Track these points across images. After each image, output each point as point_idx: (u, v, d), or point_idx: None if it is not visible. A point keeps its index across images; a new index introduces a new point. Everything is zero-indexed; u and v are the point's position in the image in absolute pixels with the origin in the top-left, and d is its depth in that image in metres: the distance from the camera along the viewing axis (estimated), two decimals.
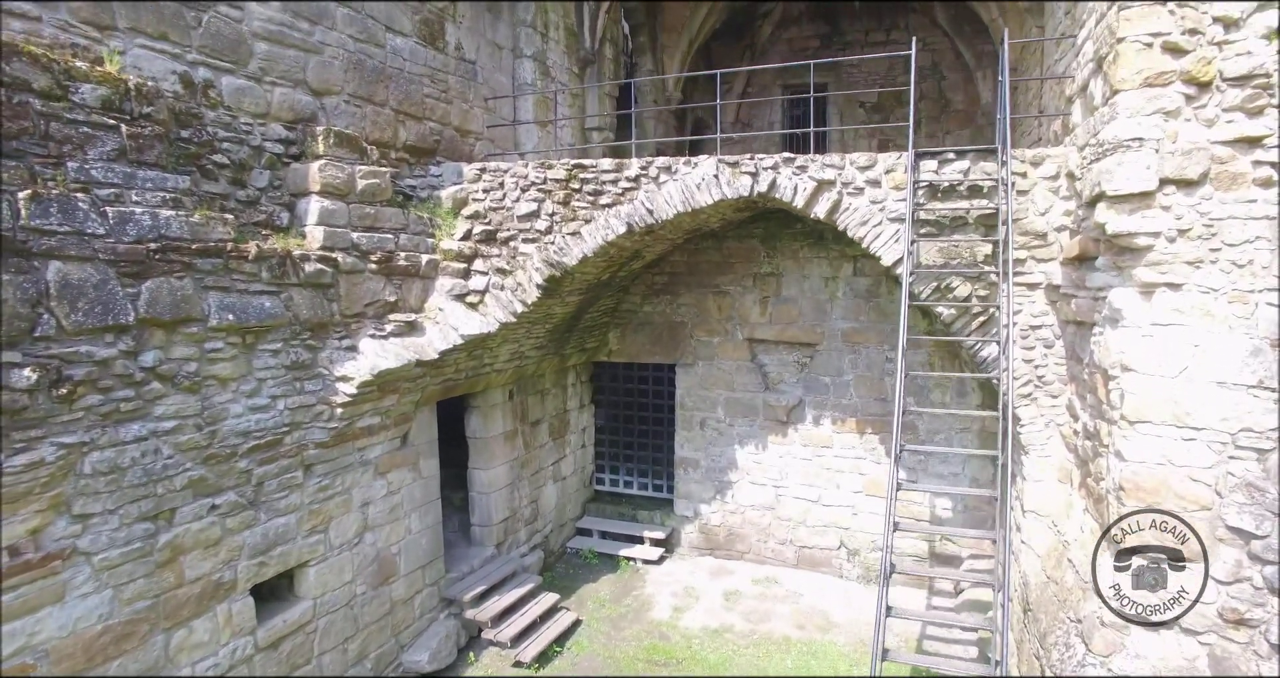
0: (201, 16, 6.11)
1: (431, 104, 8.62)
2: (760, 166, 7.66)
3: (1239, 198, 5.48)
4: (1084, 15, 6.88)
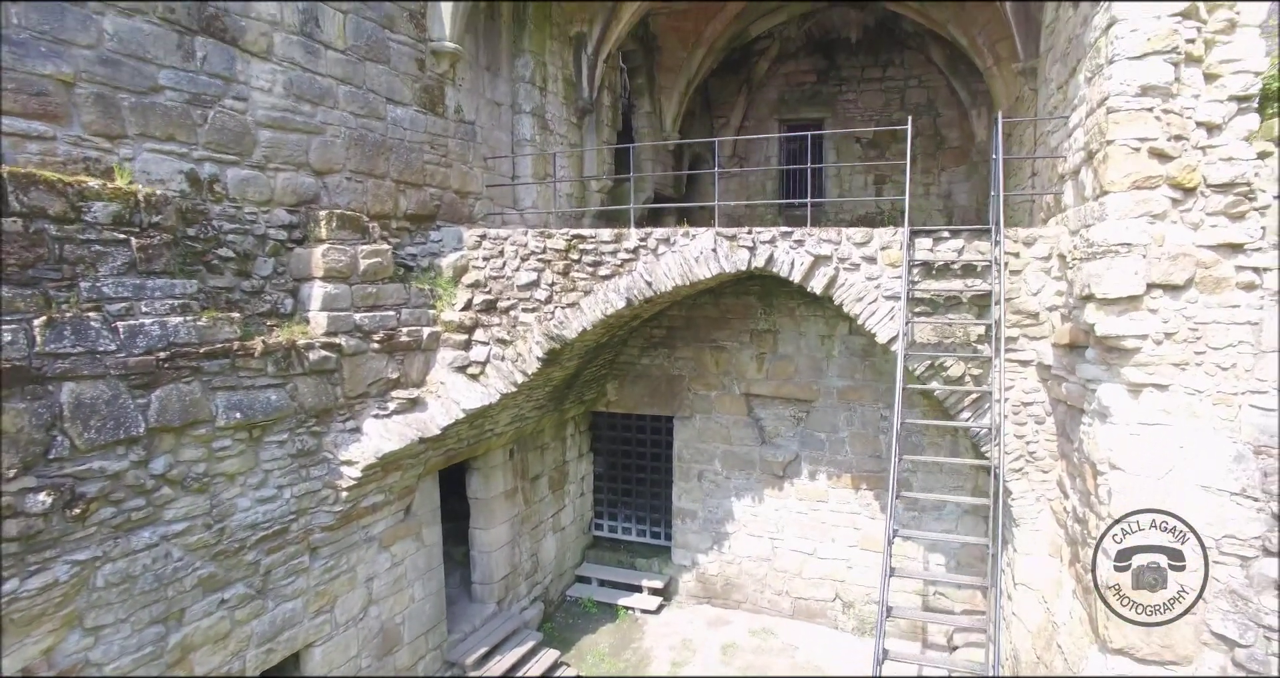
0: (207, 113, 6.20)
1: (431, 170, 8.71)
2: (758, 240, 7.78)
3: (1222, 302, 5.63)
4: (1075, 98, 7.00)
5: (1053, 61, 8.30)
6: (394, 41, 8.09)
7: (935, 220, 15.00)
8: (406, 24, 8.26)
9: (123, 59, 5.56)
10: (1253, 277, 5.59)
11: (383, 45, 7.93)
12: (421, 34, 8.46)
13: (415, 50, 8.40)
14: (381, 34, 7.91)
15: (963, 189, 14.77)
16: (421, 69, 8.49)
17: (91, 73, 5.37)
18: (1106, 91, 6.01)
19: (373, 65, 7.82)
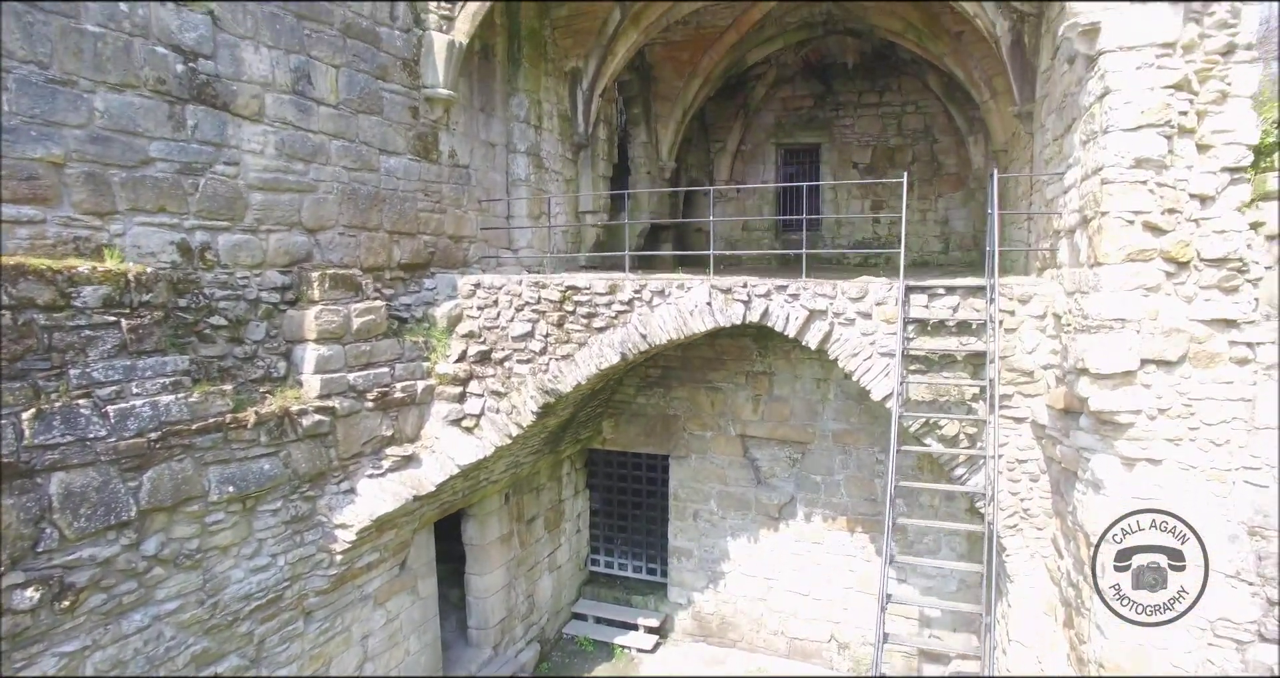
0: (198, 180, 6.16)
1: (425, 217, 8.67)
2: (753, 294, 7.77)
3: (1216, 378, 5.62)
4: (1070, 156, 6.98)
5: (1048, 110, 8.28)
6: (387, 91, 8.05)
7: (932, 246, 15.01)
8: (400, 73, 8.22)
9: (113, 135, 5.53)
10: (1246, 352, 5.58)
11: (375, 96, 7.89)
12: (415, 81, 8.42)
13: (409, 98, 8.36)
14: (374, 85, 7.87)
15: (959, 215, 14.75)
16: (415, 117, 8.46)
17: (82, 152, 5.34)
18: (1101, 162, 5.99)
19: (365, 117, 7.78)
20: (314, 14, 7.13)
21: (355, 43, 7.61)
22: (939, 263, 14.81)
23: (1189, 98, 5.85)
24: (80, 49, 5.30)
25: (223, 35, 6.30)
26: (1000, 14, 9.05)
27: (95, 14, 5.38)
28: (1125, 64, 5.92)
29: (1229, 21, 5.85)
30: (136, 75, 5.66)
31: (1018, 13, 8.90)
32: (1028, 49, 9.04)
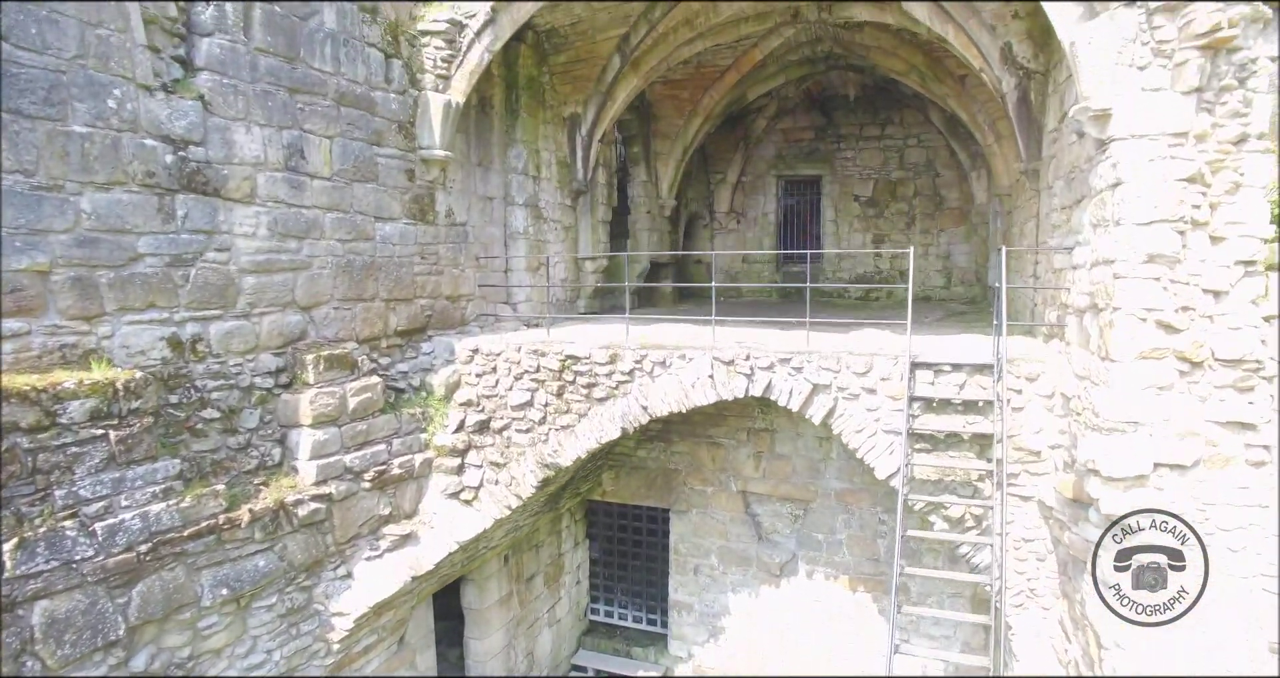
0: (189, 271, 6.01)
1: (422, 281, 8.53)
2: (756, 367, 7.63)
3: (1232, 482, 5.51)
4: (1081, 233, 6.83)
5: (1056, 174, 8.13)
6: (382, 157, 7.89)
7: (934, 281, 14.88)
8: (395, 136, 8.06)
9: (101, 236, 5.38)
10: (1263, 454, 5.47)
11: (370, 163, 7.74)
12: (411, 144, 8.27)
13: (404, 161, 8.20)
14: (369, 152, 7.72)
15: (962, 250, 14.62)
16: (411, 179, 8.30)
17: (68, 257, 5.19)
18: (1113, 255, 5.87)
19: (360, 186, 7.63)
20: (307, 87, 6.98)
21: (349, 111, 7.46)
22: (940, 297, 14.70)
23: (1202, 190, 5.72)
24: (67, 152, 5.15)
25: (214, 119, 6.15)
26: (1006, 71, 8.91)
27: (83, 114, 5.23)
28: (1138, 155, 5.79)
29: (1241, 111, 5.72)
30: (125, 171, 5.51)
31: (1024, 70, 8.75)
32: (1034, 106, 8.89)
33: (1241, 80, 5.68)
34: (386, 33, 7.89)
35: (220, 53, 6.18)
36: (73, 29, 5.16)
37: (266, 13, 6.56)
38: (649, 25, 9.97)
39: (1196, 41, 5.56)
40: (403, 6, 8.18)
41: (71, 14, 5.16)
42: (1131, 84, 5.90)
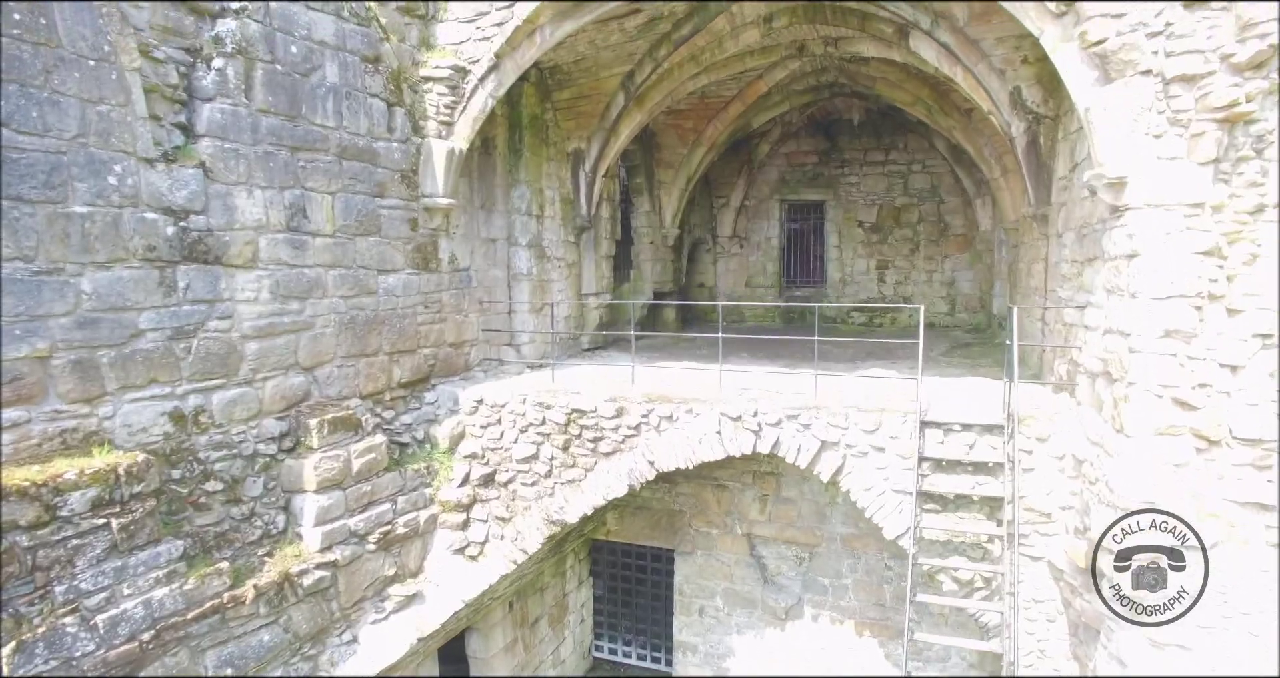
0: (191, 343, 5.93)
1: (425, 330, 8.44)
2: (763, 423, 7.56)
3: (1251, 565, 5.44)
4: (1094, 294, 6.76)
5: (1066, 224, 8.05)
6: (385, 208, 7.79)
7: (938, 307, 14.80)
8: (398, 186, 7.97)
9: (102, 315, 5.29)
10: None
11: (373, 216, 7.64)
12: (413, 192, 8.17)
13: (407, 210, 8.11)
14: (372, 205, 7.62)
15: (966, 277, 14.54)
16: (414, 228, 8.21)
17: (69, 339, 5.10)
18: (1128, 328, 5.80)
19: (363, 239, 7.54)
20: (309, 144, 6.88)
21: (352, 164, 7.36)
22: (945, 324, 14.62)
23: (1219, 263, 5.65)
24: (67, 234, 5.06)
25: (215, 186, 6.06)
26: (1015, 115, 8.81)
27: (84, 194, 5.14)
28: (1154, 227, 5.72)
29: (1258, 180, 5.63)
30: (125, 247, 5.42)
31: (1034, 114, 8.66)
32: (1043, 151, 8.81)
33: (1259, 151, 5.59)
34: (389, 81, 7.79)
35: (222, 118, 6.09)
36: (74, 109, 5.07)
37: (268, 72, 6.47)
38: (654, 64, 9.87)
39: (1214, 114, 5.48)
40: (405, 52, 8.09)
41: (73, 93, 5.06)
42: (1147, 153, 5.82)
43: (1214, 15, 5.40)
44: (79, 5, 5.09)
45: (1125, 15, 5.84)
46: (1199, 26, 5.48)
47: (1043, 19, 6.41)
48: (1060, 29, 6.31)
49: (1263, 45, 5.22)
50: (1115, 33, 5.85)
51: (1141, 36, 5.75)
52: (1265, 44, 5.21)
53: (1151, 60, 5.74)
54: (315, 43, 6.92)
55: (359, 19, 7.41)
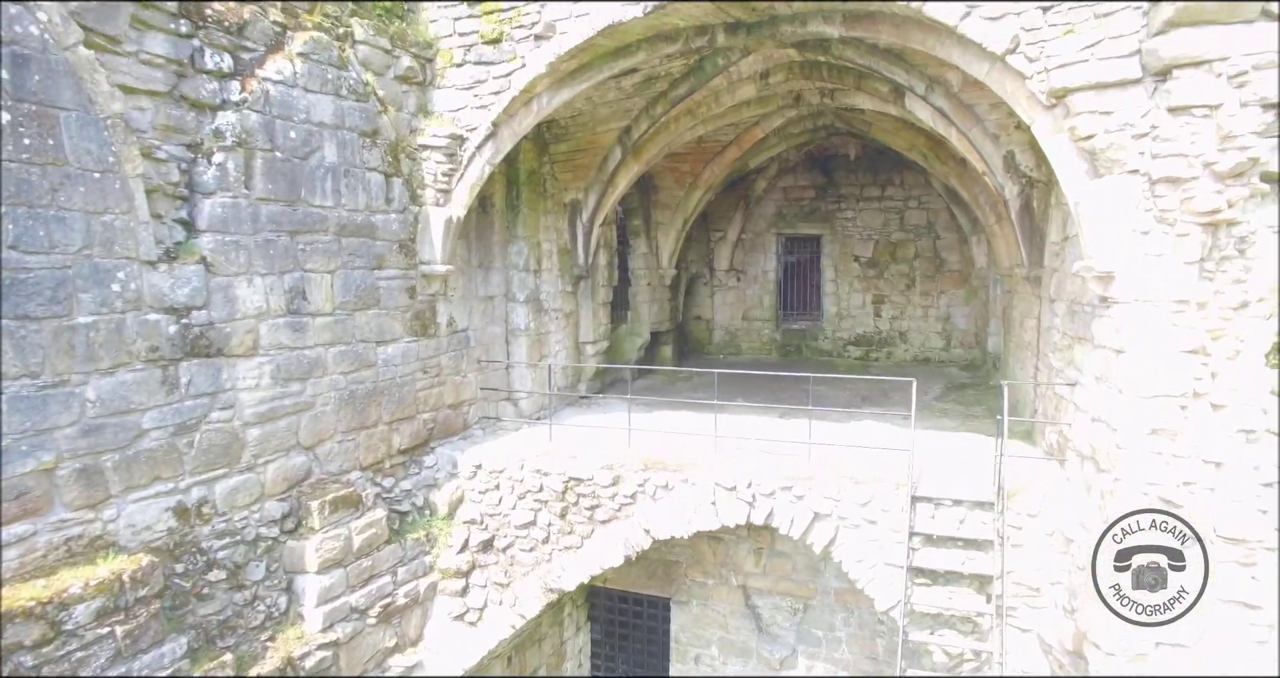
0: (194, 437, 6.03)
1: (424, 395, 8.53)
2: (757, 494, 7.67)
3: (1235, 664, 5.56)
4: (1083, 372, 6.87)
5: (1058, 292, 8.13)
6: (383, 280, 7.88)
7: (934, 343, 14.91)
8: (397, 256, 8.05)
9: (106, 420, 5.39)
10: (1265, 634, 5.51)
11: (372, 290, 7.73)
12: (412, 260, 8.26)
13: (405, 278, 8.19)
14: (370, 278, 7.71)
15: (962, 313, 14.64)
16: (412, 296, 8.29)
17: (74, 449, 5.20)
18: (1116, 424, 5.92)
19: (362, 314, 7.63)
20: (308, 226, 6.98)
21: (350, 240, 7.46)
22: (940, 360, 14.73)
23: (1204, 360, 5.75)
24: (73, 345, 5.16)
25: (216, 279, 6.15)
26: (1009, 178, 8.89)
27: (88, 304, 5.24)
28: (1141, 325, 5.82)
29: (1241, 277, 5.74)
30: (129, 351, 5.52)
31: (1027, 178, 8.74)
32: (1036, 214, 8.89)
33: (1242, 251, 5.69)
34: (387, 153, 7.87)
35: (222, 212, 6.18)
36: (79, 222, 5.16)
37: (268, 161, 6.55)
38: (651, 120, 9.94)
39: (1198, 217, 5.58)
40: (403, 121, 8.17)
41: (78, 207, 5.15)
42: (1135, 248, 5.93)
43: (1196, 122, 5.50)
44: (85, 119, 5.18)
45: (1113, 113, 5.94)
46: (1182, 131, 5.57)
47: (1033, 108, 6.50)
48: (1051, 120, 6.39)
49: (1242, 157, 5.33)
50: (1104, 130, 5.95)
51: (1129, 137, 5.85)
52: (1244, 156, 5.32)
53: (1139, 160, 5.85)
54: (314, 125, 7.00)
55: (357, 95, 7.49)
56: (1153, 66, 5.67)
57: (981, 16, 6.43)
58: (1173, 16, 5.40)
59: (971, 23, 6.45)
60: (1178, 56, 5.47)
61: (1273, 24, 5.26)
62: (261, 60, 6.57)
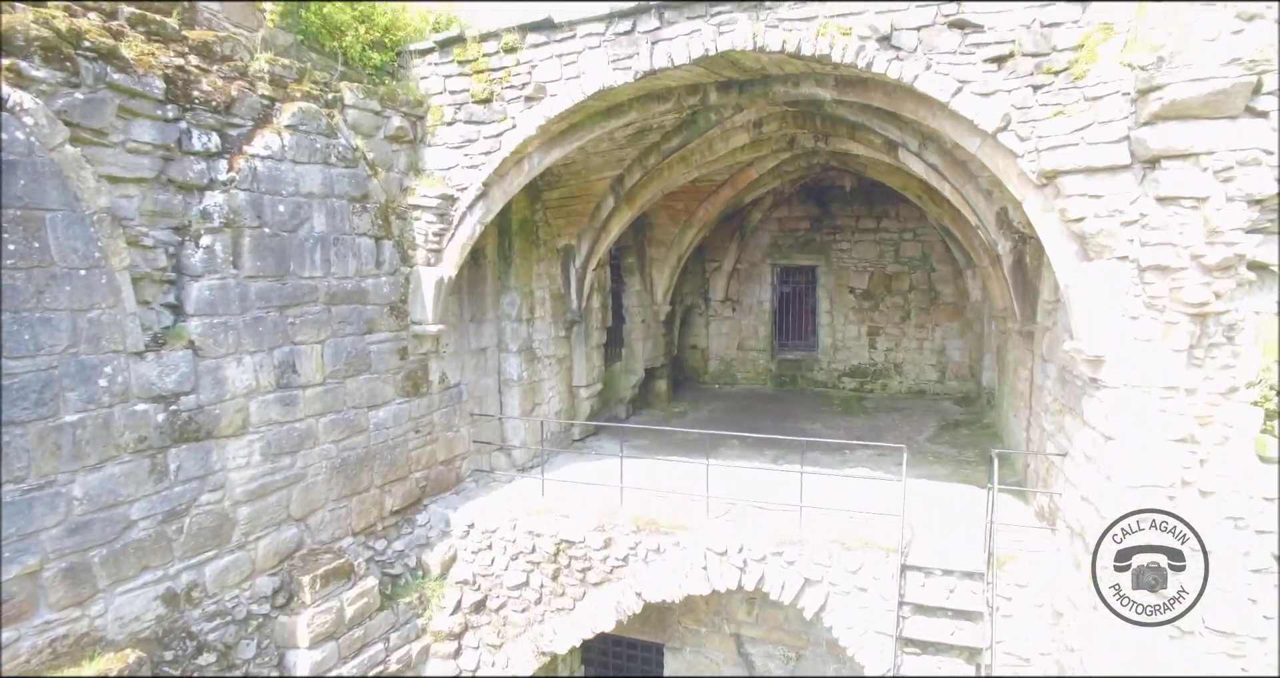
0: (183, 523, 6.03)
1: (417, 455, 8.53)
2: (748, 559, 7.68)
3: None
4: (1073, 445, 6.88)
5: (1049, 354, 8.14)
6: (374, 344, 7.87)
7: (928, 375, 14.91)
8: (387, 319, 8.04)
9: (93, 516, 5.39)
10: None
11: (363, 355, 7.72)
12: (403, 322, 8.25)
13: (396, 340, 8.18)
14: (361, 344, 7.70)
15: (956, 346, 14.64)
16: (404, 357, 8.29)
17: (60, 549, 5.19)
18: (1104, 510, 5.94)
19: (353, 380, 7.62)
20: (297, 299, 6.97)
21: (341, 308, 7.45)
22: (935, 393, 14.75)
23: (1192, 448, 5.76)
24: (59, 446, 5.15)
25: (204, 363, 6.14)
26: (1002, 235, 8.89)
27: (75, 402, 5.23)
28: (1130, 413, 5.84)
29: (1230, 363, 5.75)
30: (116, 444, 5.51)
31: (1020, 234, 8.73)
32: (1029, 270, 8.89)
33: (1230, 338, 5.71)
34: (377, 217, 7.85)
35: (210, 295, 6.16)
36: (65, 322, 5.15)
37: (256, 238, 6.54)
38: (643, 170, 9.94)
39: (1186, 308, 5.58)
40: (393, 180, 8.15)
41: (65, 306, 5.14)
42: (1124, 333, 5.94)
43: (1184, 213, 5.49)
44: (71, 217, 5.16)
45: (1103, 197, 5.93)
46: (1171, 221, 5.57)
47: (1024, 186, 6.49)
48: (1042, 199, 6.39)
49: (1229, 253, 5.33)
50: (1094, 214, 5.95)
51: (1118, 224, 5.85)
52: (1231, 252, 5.32)
53: (1128, 247, 5.85)
54: (303, 196, 6.98)
55: (346, 162, 7.47)
56: (1141, 155, 5.67)
57: (973, 92, 6.42)
58: (1159, 110, 5.39)
59: (963, 98, 6.44)
60: (1165, 149, 5.47)
61: (1257, 121, 5.27)
62: (249, 136, 6.55)
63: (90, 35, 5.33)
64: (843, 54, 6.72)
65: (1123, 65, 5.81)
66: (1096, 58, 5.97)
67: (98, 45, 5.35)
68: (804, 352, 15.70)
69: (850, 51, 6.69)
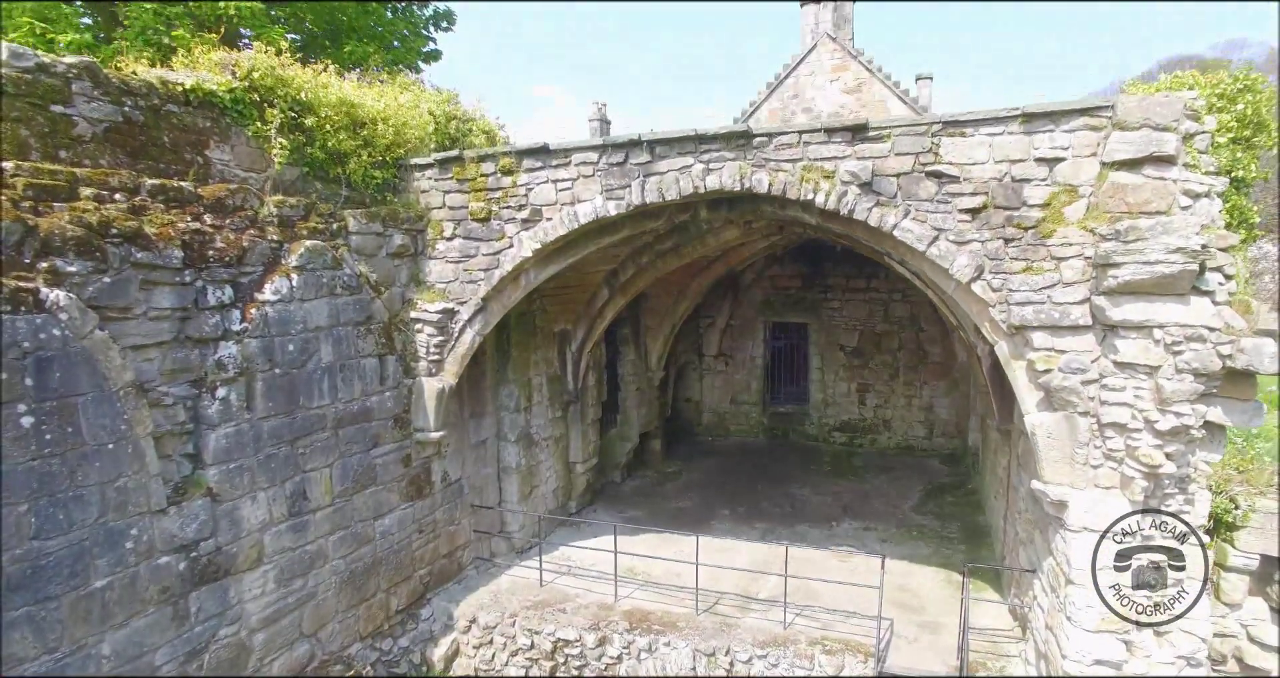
0: (203, 659, 6.40)
1: (420, 553, 8.93)
2: (735, 660, 8.08)
3: None
4: (1042, 566, 7.27)
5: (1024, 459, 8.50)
6: (379, 457, 8.25)
7: (916, 432, 15.31)
8: (391, 431, 8.41)
9: (119, 670, 5.75)
10: None
11: (369, 470, 8.10)
12: (406, 430, 8.62)
13: (400, 450, 8.55)
14: (367, 460, 8.08)
15: (944, 404, 15.03)
16: (408, 464, 8.67)
17: None
18: (1065, 650, 6.31)
19: (360, 495, 8.00)
20: (307, 429, 7.33)
21: (348, 429, 7.81)
22: (923, 449, 15.15)
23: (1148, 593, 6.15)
24: (89, 611, 5.52)
25: (222, 507, 6.51)
26: (980, 339, 9.25)
27: (104, 569, 5.59)
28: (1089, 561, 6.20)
29: (1184, 509, 6.13)
30: (141, 599, 5.89)
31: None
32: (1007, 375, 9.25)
33: (1183, 488, 6.08)
34: (380, 335, 8.21)
35: (227, 443, 6.53)
36: (94, 495, 5.51)
37: (268, 380, 6.89)
38: (636, 266, 10.29)
39: (1140, 467, 5.96)
40: (395, 295, 8.50)
41: (94, 481, 5.50)
42: (1086, 479, 6.32)
43: (1139, 379, 5.87)
44: (100, 397, 5.51)
45: (1067, 353, 6.31)
46: (1128, 384, 5.95)
47: (996, 332, 6.87)
48: (1012, 346, 6.76)
49: (1178, 423, 5.70)
50: (1058, 369, 6.31)
51: (1079, 382, 6.22)
52: (1179, 423, 5.69)
53: (1089, 404, 6.22)
54: (311, 331, 7.34)
55: (351, 290, 7.82)
56: (1102, 320, 6.04)
57: (949, 239, 6.77)
58: (1115, 287, 5.77)
59: (940, 246, 6.79)
60: (1122, 320, 5.84)
61: (1204, 300, 5.65)
62: (260, 282, 6.89)
63: (117, 222, 5.67)
64: (825, 199, 7.09)
65: (1084, 230, 6.18)
66: (1062, 219, 6.33)
67: (123, 230, 5.69)
68: (795, 404, 16.10)
69: (833, 197, 7.05)
